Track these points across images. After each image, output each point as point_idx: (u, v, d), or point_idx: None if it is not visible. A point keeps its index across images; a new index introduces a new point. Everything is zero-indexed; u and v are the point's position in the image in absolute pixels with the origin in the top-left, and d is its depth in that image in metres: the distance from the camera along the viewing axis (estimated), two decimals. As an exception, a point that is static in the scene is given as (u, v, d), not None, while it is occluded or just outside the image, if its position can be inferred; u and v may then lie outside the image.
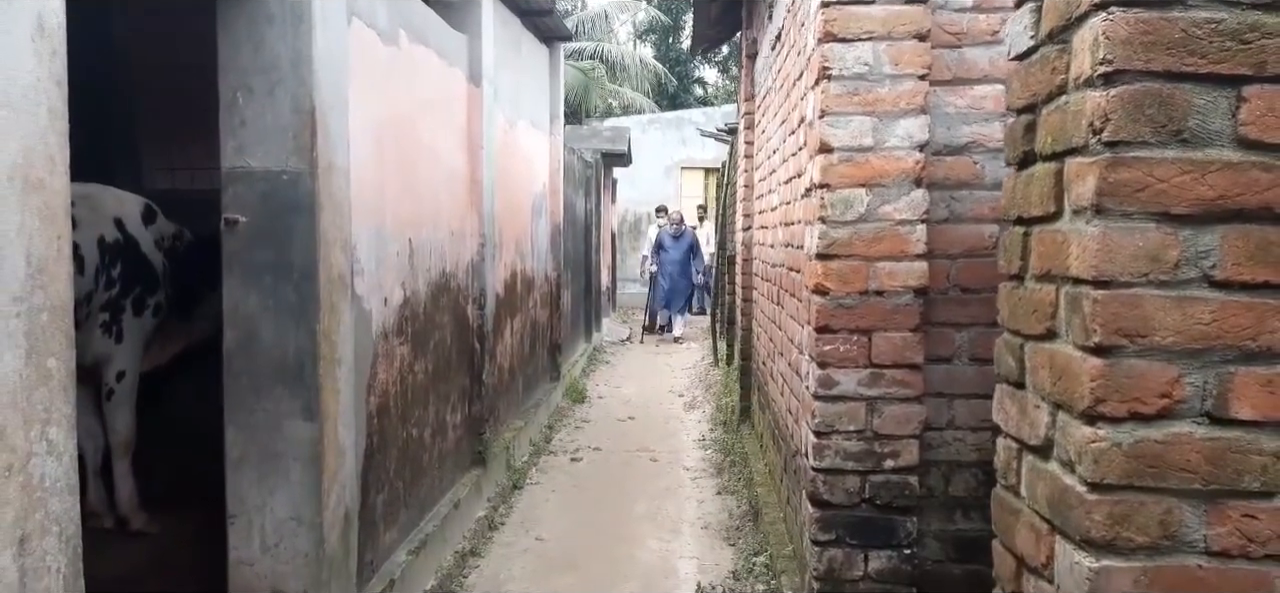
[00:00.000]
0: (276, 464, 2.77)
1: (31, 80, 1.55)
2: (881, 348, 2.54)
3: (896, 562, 2.57)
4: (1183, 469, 1.36)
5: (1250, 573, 1.37)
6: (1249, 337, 1.35)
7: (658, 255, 12.69)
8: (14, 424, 1.52)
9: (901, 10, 2.43)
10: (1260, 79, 1.34)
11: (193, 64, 4.09)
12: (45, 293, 1.59)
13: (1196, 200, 1.34)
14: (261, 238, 2.72)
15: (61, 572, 1.65)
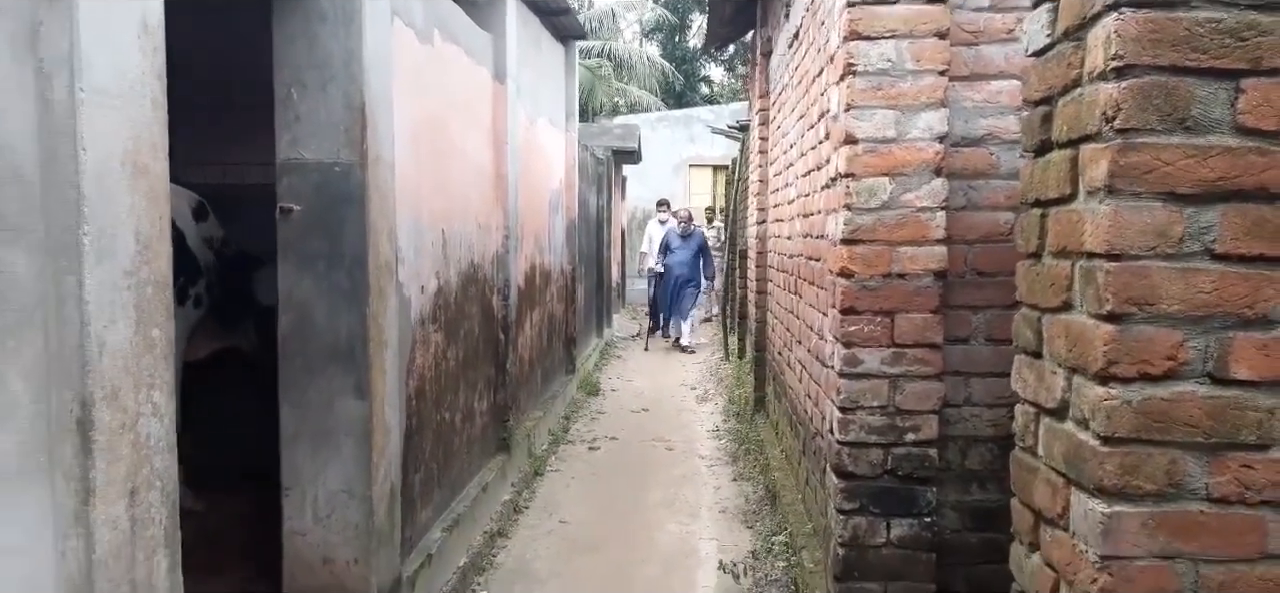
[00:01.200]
0: (329, 440, 2.93)
1: (138, 74, 1.71)
2: (903, 328, 2.69)
3: (917, 529, 2.73)
4: (1186, 424, 1.51)
5: (1247, 518, 1.52)
6: (1246, 304, 1.50)
7: (664, 257, 11.78)
8: (126, 387, 1.68)
9: (922, 10, 2.59)
10: (1256, 73, 1.48)
11: (232, 64, 4.28)
12: (150, 268, 1.75)
13: (1199, 182, 1.49)
14: (315, 226, 2.88)
15: (163, 524, 1.81)
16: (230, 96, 4.56)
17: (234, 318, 4.18)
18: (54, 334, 1.55)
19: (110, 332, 1.63)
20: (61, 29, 1.53)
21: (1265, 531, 1.53)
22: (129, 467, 1.69)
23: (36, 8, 1.51)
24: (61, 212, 1.54)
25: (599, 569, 4.26)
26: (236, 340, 4.26)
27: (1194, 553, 1.53)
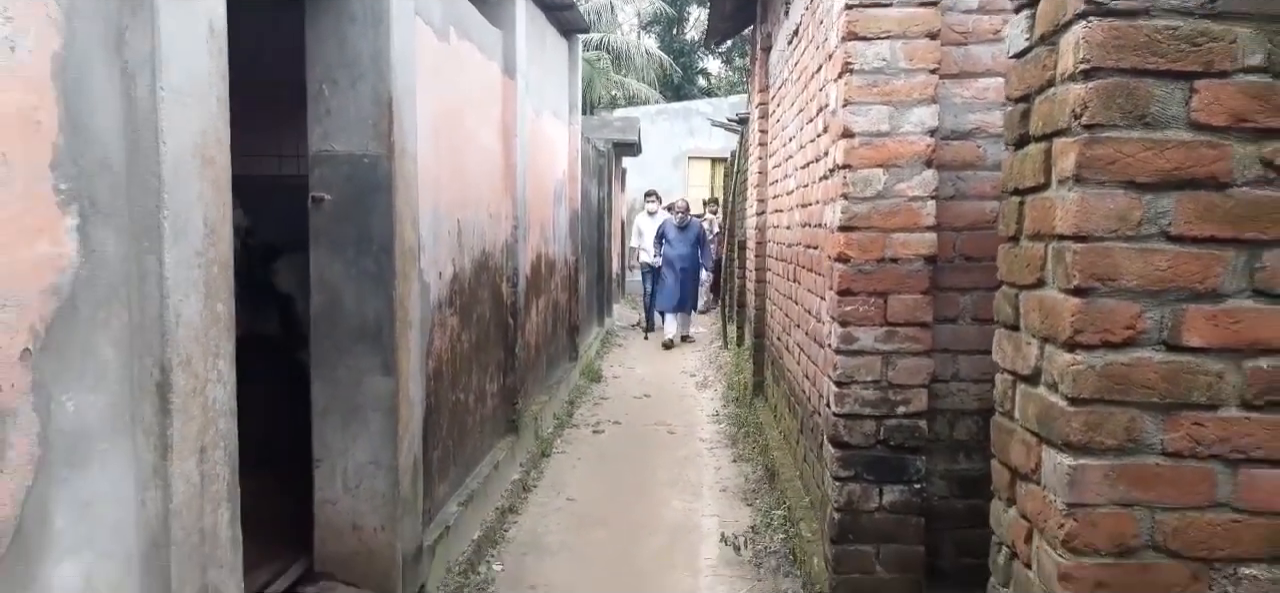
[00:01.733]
0: (357, 415, 3.12)
1: (206, 74, 1.90)
2: (895, 309, 2.89)
3: (907, 495, 2.93)
4: (1144, 387, 1.71)
5: (1198, 470, 1.72)
6: (1197, 280, 1.69)
7: (660, 248, 11.36)
8: (197, 355, 1.87)
9: (915, 12, 2.77)
10: (1208, 74, 1.67)
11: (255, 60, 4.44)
12: (216, 250, 1.94)
13: (1156, 171, 1.68)
14: (345, 215, 3.07)
15: (226, 480, 2.00)
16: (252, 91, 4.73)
17: (259, 305, 4.37)
18: (137, 307, 1.74)
19: (184, 305, 1.81)
20: (143, 33, 1.71)
21: (1214, 482, 1.73)
22: (200, 427, 1.87)
23: (121, 14, 1.69)
24: (144, 197, 1.73)
25: (607, 542, 4.46)
26: (261, 327, 4.44)
27: (1150, 502, 1.73)
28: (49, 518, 1.53)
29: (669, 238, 11.37)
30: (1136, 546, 1.73)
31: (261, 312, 4.44)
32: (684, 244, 11.32)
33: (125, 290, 1.71)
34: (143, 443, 1.76)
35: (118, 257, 1.69)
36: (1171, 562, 1.74)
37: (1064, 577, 1.74)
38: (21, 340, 1.46)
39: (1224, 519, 1.73)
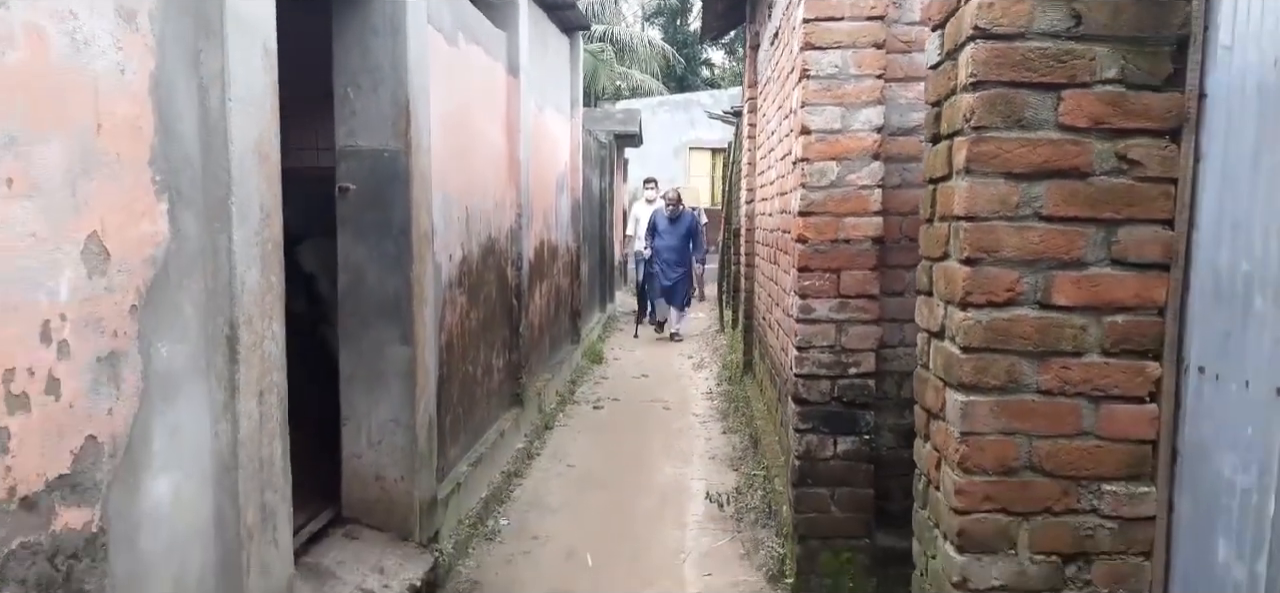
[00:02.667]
0: (380, 380, 3.54)
1: (262, 86, 2.31)
2: (847, 283, 3.29)
3: (858, 445, 3.34)
4: (1022, 337, 2.11)
5: (1065, 405, 2.12)
6: (1064, 252, 2.09)
7: (651, 240, 10.77)
8: (257, 316, 2.29)
9: (863, 26, 3.16)
10: (1072, 85, 2.07)
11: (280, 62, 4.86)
12: (270, 230, 2.36)
13: (1030, 164, 2.08)
14: (368, 203, 3.49)
15: (278, 420, 2.42)
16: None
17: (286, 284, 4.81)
18: (211, 275, 2.16)
19: (247, 275, 2.23)
20: (215, 55, 2.13)
21: (1079, 414, 2.13)
22: (259, 374, 2.30)
23: (197, 39, 2.11)
24: (216, 187, 2.15)
25: (604, 501, 4.89)
26: (288, 303, 4.88)
27: (1028, 431, 2.13)
28: (149, 439, 1.95)
29: (659, 229, 10.71)
30: (1017, 467, 2.14)
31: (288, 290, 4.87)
32: (674, 236, 10.62)
33: (202, 262, 2.13)
34: (215, 385, 2.18)
35: (196, 235, 2.11)
36: (1046, 480, 2.15)
37: (959, 492, 2.16)
38: (130, 298, 1.88)
39: (1088, 445, 2.14)
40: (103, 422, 1.79)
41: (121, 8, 1.82)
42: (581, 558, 4.09)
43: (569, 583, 3.83)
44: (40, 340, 1.62)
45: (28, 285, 1.59)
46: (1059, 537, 2.15)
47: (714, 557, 4.10)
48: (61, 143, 1.66)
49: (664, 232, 10.65)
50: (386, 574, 3.27)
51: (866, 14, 3.16)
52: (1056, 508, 2.15)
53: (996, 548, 2.16)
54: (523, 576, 3.89)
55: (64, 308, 1.68)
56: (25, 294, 1.58)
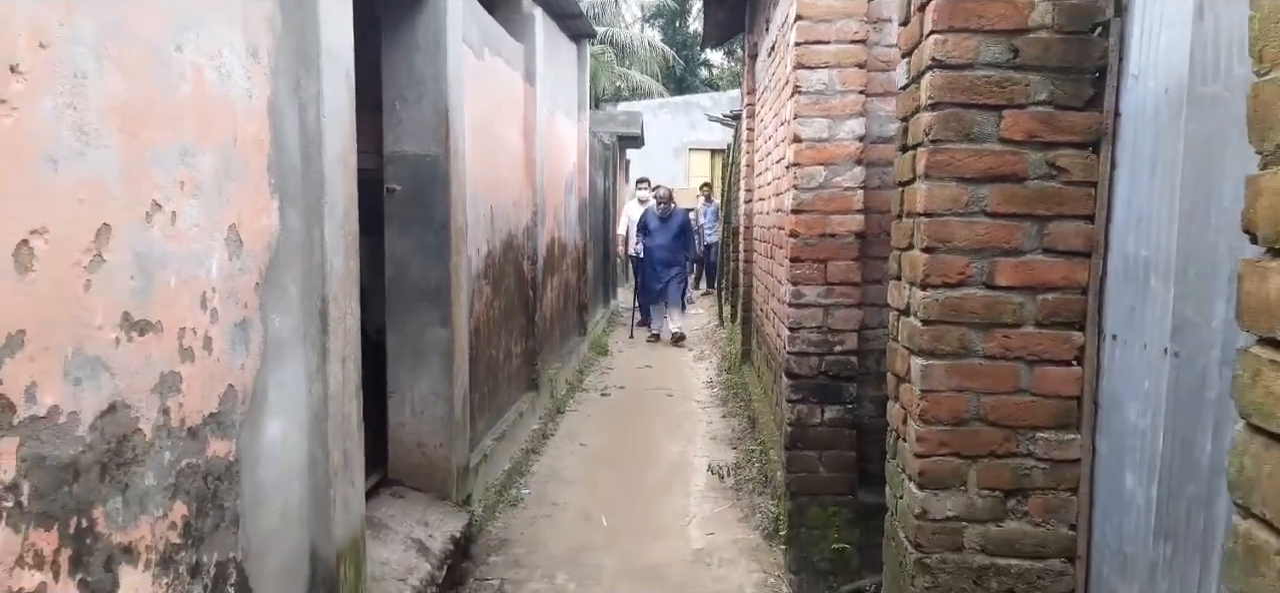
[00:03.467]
0: (422, 357, 4.01)
1: (345, 106, 2.78)
2: (833, 272, 3.77)
3: (842, 413, 3.82)
4: (971, 312, 2.59)
5: (1006, 367, 2.59)
6: (1004, 242, 2.57)
7: (641, 239, 10.44)
8: (341, 295, 2.76)
9: (847, 48, 3.64)
10: (1010, 107, 2.55)
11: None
12: (349, 225, 2.83)
13: (977, 171, 2.56)
14: (412, 201, 3.96)
15: (355, 383, 2.90)
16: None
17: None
18: (307, 260, 2.63)
19: (334, 261, 2.71)
20: (312, 81, 2.60)
21: (1017, 375, 2.61)
22: (342, 344, 2.77)
23: (299, 69, 2.58)
24: (312, 189, 2.62)
25: (615, 475, 5.36)
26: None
27: (976, 389, 2.61)
28: (267, 391, 2.42)
29: (650, 228, 10.37)
30: (967, 418, 2.62)
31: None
32: (666, 235, 10.27)
33: (301, 250, 2.60)
34: (311, 351, 2.65)
35: (298, 228, 2.58)
36: (990, 429, 2.62)
37: (920, 439, 2.64)
38: (255, 278, 2.35)
39: (1025, 400, 2.61)
40: (237, 374, 2.26)
41: (249, 46, 2.30)
42: (597, 520, 4.56)
43: (586, 540, 4.30)
44: (200, 308, 2.09)
45: (194, 264, 2.06)
46: (1001, 476, 2.63)
47: (715, 519, 4.58)
48: (213, 154, 2.13)
49: (655, 231, 10.31)
50: (430, 527, 3.74)
51: (850, 38, 3.64)
52: (999, 452, 2.62)
53: (950, 485, 2.64)
54: (545, 534, 4.36)
55: (214, 283, 2.15)
56: (192, 271, 2.05)
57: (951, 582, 2.65)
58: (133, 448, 1.84)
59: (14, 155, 1.51)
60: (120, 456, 1.80)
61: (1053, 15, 2.50)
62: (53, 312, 1.60)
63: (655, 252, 10.26)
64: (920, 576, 2.66)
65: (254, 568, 2.33)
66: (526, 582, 3.82)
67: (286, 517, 2.52)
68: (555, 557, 4.08)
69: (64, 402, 1.63)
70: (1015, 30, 2.51)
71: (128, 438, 1.82)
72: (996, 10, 2.51)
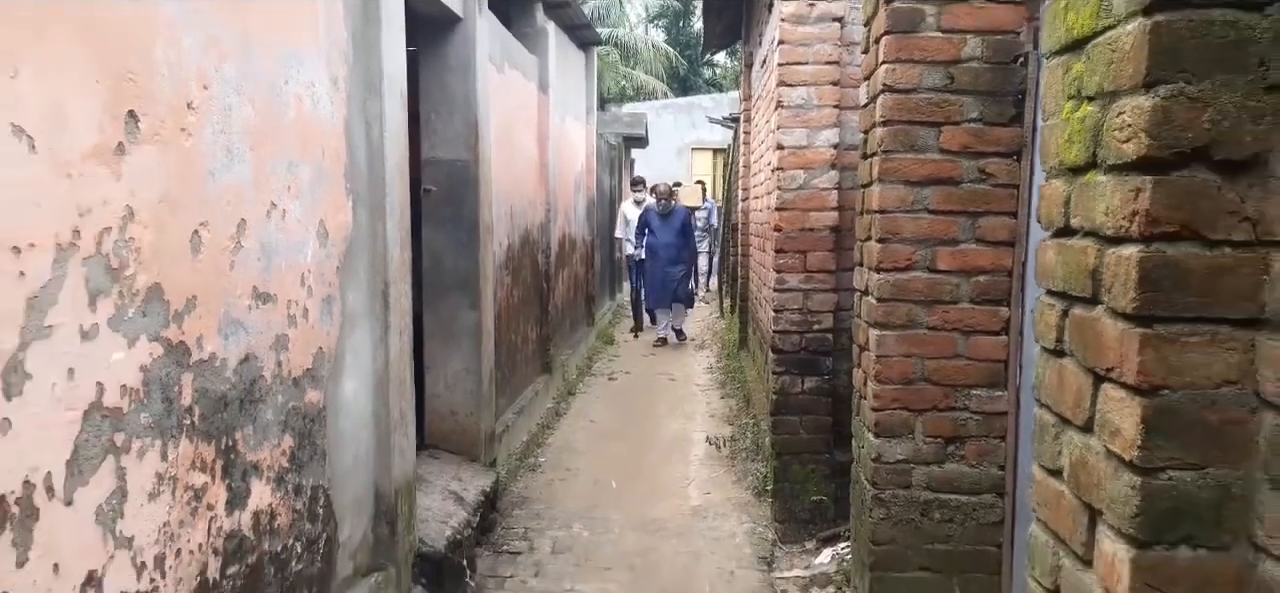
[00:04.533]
0: (454, 337, 4.59)
1: (401, 122, 3.35)
2: (812, 261, 4.33)
3: (820, 383, 4.38)
4: (916, 291, 3.15)
5: (946, 336, 3.16)
6: (943, 234, 3.13)
7: (643, 238, 10.17)
8: (398, 279, 3.34)
9: (823, 68, 4.20)
10: (948, 123, 3.11)
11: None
12: (405, 221, 3.40)
13: (921, 175, 3.12)
14: (445, 201, 4.53)
15: (408, 353, 3.47)
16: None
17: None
18: (373, 250, 3.20)
19: (393, 251, 3.28)
20: (376, 102, 3.17)
21: (955, 343, 3.17)
22: (399, 319, 3.35)
23: (366, 93, 3.15)
24: (376, 192, 3.19)
25: (622, 447, 5.94)
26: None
27: (921, 354, 3.17)
28: (344, 355, 3.00)
29: (652, 226, 10.02)
30: (914, 378, 3.19)
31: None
32: (669, 233, 9.93)
33: (368, 242, 3.18)
34: (375, 324, 3.23)
35: (365, 223, 3.15)
36: (933, 387, 3.19)
37: (876, 396, 3.20)
38: (336, 262, 2.92)
39: (961, 364, 3.18)
40: (325, 339, 2.84)
41: (331, 76, 2.87)
42: (606, 483, 5.14)
43: (598, 499, 4.88)
44: (300, 285, 2.66)
45: (296, 251, 2.63)
46: (942, 426, 3.20)
47: (712, 482, 5.15)
48: (309, 164, 2.71)
49: (657, 229, 9.98)
50: (463, 482, 4.32)
51: (825, 60, 4.21)
52: (941, 406, 3.19)
53: (901, 434, 3.21)
54: (561, 494, 4.94)
55: (309, 266, 2.72)
56: (295, 256, 2.63)
57: (902, 513, 3.22)
58: (258, 390, 2.42)
59: (191, 169, 2.09)
60: (251, 394, 2.38)
61: (981, 49, 3.06)
62: (212, 283, 2.18)
63: (659, 251, 9.91)
64: (877, 508, 3.23)
65: (335, 496, 2.92)
66: (547, 530, 4.40)
67: (357, 459, 3.10)
68: (571, 512, 4.66)
69: (218, 350, 2.21)
70: (951, 61, 3.08)
71: (256, 381, 2.40)
72: (936, 45, 3.07)
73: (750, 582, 3.85)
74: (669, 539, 4.31)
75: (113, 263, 1.80)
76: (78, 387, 1.71)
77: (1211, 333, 1.23)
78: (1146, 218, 1.24)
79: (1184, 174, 1.23)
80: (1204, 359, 1.23)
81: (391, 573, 3.26)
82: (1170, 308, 1.24)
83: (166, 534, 2.00)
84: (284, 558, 2.56)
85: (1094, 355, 1.38)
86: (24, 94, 1.56)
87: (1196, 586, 1.25)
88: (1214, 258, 1.23)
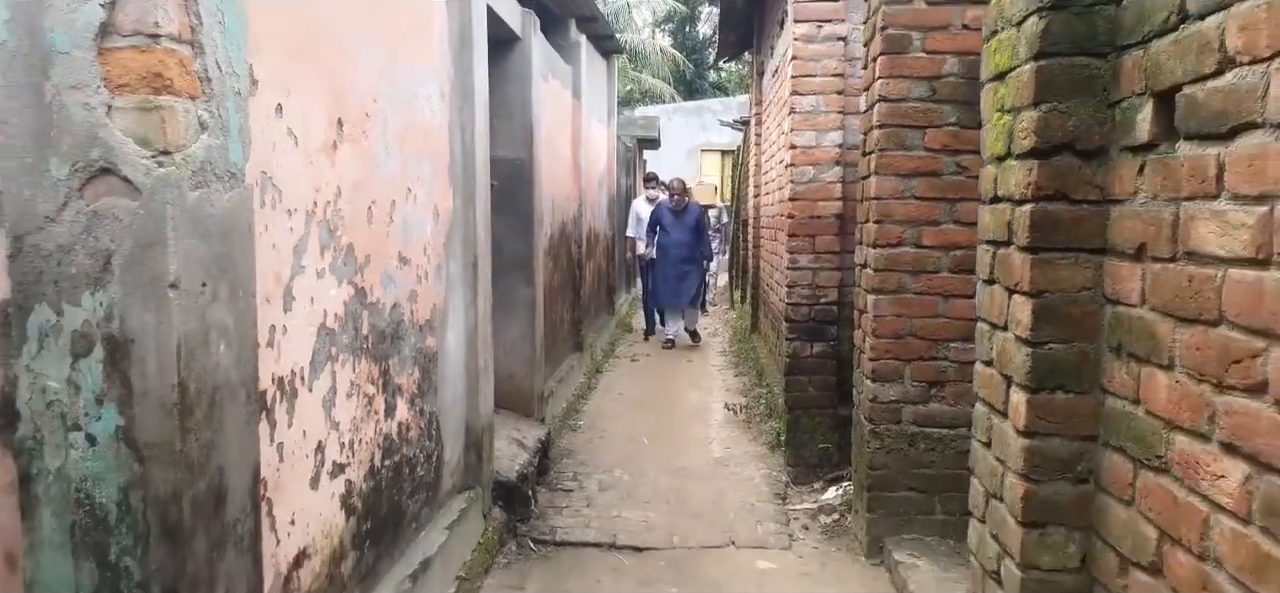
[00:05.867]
0: (512, 310, 5.35)
1: (484, 126, 4.11)
2: (819, 244, 5.09)
3: (826, 348, 5.13)
4: (905, 263, 3.90)
5: (928, 300, 3.91)
6: (928, 216, 3.88)
7: (653, 236, 9.77)
8: (484, 254, 4.09)
9: (829, 79, 4.95)
10: (932, 126, 3.86)
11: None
12: (486, 205, 4.16)
13: (909, 169, 3.87)
14: (505, 194, 5.29)
15: (489, 315, 4.23)
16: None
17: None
18: (465, 230, 3.96)
19: (480, 229, 4.04)
20: (469, 112, 3.93)
21: (936, 306, 3.91)
22: (484, 286, 4.10)
23: (461, 102, 3.90)
24: (469, 183, 3.95)
25: (649, 413, 6.69)
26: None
27: (909, 314, 3.92)
28: (448, 312, 3.75)
29: (664, 224, 9.67)
30: (903, 334, 3.94)
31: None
32: (682, 231, 9.59)
33: (463, 223, 3.93)
34: (467, 289, 3.98)
35: (461, 208, 3.91)
36: (919, 341, 3.94)
37: (872, 348, 3.96)
38: (443, 238, 3.68)
39: (942, 322, 3.92)
40: (437, 298, 3.59)
41: (440, 90, 3.63)
42: (639, 440, 5.89)
43: (632, 452, 5.63)
44: (423, 254, 3.42)
45: (421, 227, 3.39)
46: (926, 372, 3.94)
47: (731, 440, 5.90)
48: (429, 160, 3.47)
49: (670, 227, 9.63)
50: (522, 432, 5.08)
51: (831, 73, 4.97)
52: (925, 357, 3.94)
53: (892, 379, 3.95)
54: (600, 448, 5.70)
55: (428, 240, 3.48)
56: (420, 231, 3.38)
57: (893, 444, 3.96)
58: (401, 330, 3.18)
59: (367, 161, 2.84)
60: (397, 333, 3.14)
61: (958, 67, 3.81)
62: (378, 246, 2.94)
63: (671, 249, 9.57)
64: (873, 441, 3.98)
65: (443, 423, 3.67)
66: (592, 474, 5.15)
67: (455, 397, 3.86)
68: (610, 461, 5.41)
69: (381, 297, 2.97)
70: (933, 76, 3.82)
71: (400, 324, 3.16)
72: (921, 63, 3.82)
73: (768, 511, 4.60)
74: (697, 481, 5.06)
75: (331, 226, 2.56)
76: (315, 310, 2.47)
77: (1074, 257, 1.99)
78: (1035, 187, 1.99)
79: (1057, 159, 1.98)
80: (1069, 274, 1.99)
81: (478, 492, 4.02)
82: (1050, 243, 2.00)
83: (354, 426, 2.76)
84: (413, 463, 3.32)
85: (1007, 277, 2.13)
86: (292, 109, 2.32)
87: (1067, 416, 2.00)
88: (1076, 211, 1.98)
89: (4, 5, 1.64)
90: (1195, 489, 1.58)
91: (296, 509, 2.35)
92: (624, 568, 3.96)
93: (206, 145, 1.76)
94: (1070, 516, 2.01)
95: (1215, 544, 1.53)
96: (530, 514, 4.48)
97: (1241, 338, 1.46)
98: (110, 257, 1.67)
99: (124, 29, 1.63)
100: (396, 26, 3.10)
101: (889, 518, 3.94)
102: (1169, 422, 1.68)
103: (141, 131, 1.65)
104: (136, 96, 1.64)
